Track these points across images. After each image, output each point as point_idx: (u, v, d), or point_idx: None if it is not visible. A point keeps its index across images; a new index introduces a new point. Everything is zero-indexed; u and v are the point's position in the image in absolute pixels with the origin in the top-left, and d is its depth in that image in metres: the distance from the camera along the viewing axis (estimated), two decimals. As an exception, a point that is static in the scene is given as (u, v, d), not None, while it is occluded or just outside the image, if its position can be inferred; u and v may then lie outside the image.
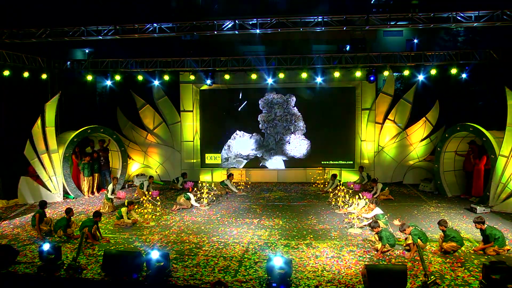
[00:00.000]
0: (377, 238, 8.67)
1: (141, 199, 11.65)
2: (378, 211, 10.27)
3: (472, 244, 8.99)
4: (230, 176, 15.05)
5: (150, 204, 11.26)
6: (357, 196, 11.45)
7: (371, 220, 10.06)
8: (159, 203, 12.13)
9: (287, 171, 17.03)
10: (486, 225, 8.55)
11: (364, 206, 11.02)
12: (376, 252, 8.56)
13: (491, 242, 8.41)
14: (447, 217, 11.18)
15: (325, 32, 12.26)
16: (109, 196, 12.46)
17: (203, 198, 12.70)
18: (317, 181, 15.69)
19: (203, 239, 9.65)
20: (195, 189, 13.29)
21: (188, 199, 12.43)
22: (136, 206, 10.97)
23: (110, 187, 12.69)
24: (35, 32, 12.10)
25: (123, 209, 10.73)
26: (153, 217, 11.41)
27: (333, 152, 16.91)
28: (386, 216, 10.36)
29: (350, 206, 11.62)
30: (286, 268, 6.90)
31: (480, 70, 15.80)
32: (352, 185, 13.74)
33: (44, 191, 13.27)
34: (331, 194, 12.76)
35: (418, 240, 8.29)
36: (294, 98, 16.95)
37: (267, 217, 11.55)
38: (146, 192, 11.96)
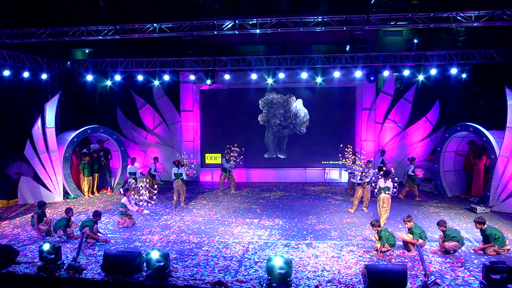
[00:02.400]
0: (377, 238, 8.68)
1: (139, 185, 11.56)
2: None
3: (472, 244, 8.99)
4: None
5: (147, 192, 11.18)
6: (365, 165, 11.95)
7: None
8: (155, 191, 11.81)
9: (287, 171, 17.03)
10: (486, 225, 8.56)
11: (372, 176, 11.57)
12: (376, 252, 8.56)
13: (491, 242, 8.42)
14: (447, 217, 11.19)
15: (325, 32, 12.27)
16: (153, 172, 13.99)
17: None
18: (347, 159, 14.26)
19: (203, 239, 9.65)
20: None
21: (182, 176, 12.67)
22: (132, 192, 10.91)
23: (153, 166, 14.10)
24: (35, 32, 12.09)
25: (124, 199, 10.65)
26: (149, 205, 11.39)
27: (333, 152, 16.89)
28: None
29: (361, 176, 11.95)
30: (286, 268, 6.90)
31: (480, 70, 15.80)
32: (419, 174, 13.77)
33: (44, 191, 13.27)
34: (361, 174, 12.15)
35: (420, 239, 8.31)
36: (294, 98, 16.94)
37: (267, 217, 11.55)
38: (154, 173, 13.78)
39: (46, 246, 7.70)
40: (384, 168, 12.93)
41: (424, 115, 16.05)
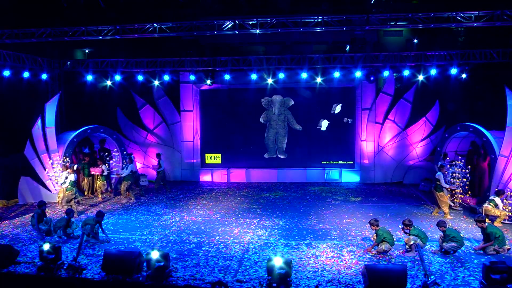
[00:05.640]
0: (375, 237, 8.69)
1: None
2: None
3: (472, 244, 8.99)
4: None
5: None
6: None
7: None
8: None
9: (287, 171, 17.02)
10: (487, 224, 8.58)
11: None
12: (372, 250, 8.62)
13: (492, 241, 8.43)
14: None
15: (325, 32, 12.27)
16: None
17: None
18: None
19: (203, 239, 9.65)
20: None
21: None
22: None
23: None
24: (35, 32, 12.10)
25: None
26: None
27: (333, 152, 16.92)
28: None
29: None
30: (286, 268, 6.90)
31: (480, 70, 15.78)
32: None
33: (44, 191, 13.26)
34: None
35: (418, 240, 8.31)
36: (294, 98, 16.94)
37: (267, 217, 11.55)
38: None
39: (46, 246, 7.70)
40: None
41: (424, 115, 16.04)
